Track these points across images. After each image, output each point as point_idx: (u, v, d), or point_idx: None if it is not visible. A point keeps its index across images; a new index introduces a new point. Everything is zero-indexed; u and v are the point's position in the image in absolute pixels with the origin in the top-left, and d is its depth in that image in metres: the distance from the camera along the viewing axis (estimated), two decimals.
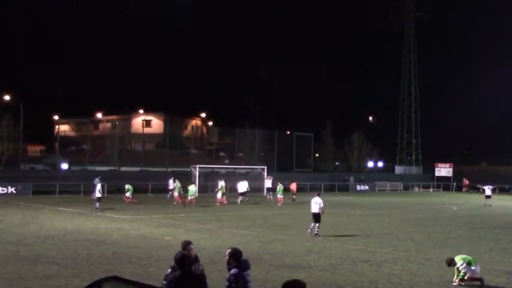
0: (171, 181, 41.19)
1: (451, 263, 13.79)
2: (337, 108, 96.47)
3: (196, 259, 8.43)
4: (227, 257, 7.82)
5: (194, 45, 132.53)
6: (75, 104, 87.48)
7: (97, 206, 31.92)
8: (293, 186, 42.44)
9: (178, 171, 55.09)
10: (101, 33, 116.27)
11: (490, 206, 41.06)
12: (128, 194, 37.34)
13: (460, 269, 13.51)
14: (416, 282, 13.88)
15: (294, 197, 40.95)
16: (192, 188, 36.62)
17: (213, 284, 8.66)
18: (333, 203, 37.14)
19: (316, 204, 22.21)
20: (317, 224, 22.00)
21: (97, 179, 36.25)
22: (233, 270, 7.65)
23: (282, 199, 39.52)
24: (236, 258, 7.74)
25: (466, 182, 65.85)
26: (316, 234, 21.88)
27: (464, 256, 13.91)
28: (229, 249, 7.89)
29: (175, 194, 38.33)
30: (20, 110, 54.62)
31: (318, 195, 23.17)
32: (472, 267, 13.53)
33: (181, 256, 7.48)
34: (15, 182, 43.67)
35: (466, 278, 13.50)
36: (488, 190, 42.92)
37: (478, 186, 49.44)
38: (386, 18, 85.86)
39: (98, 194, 32.20)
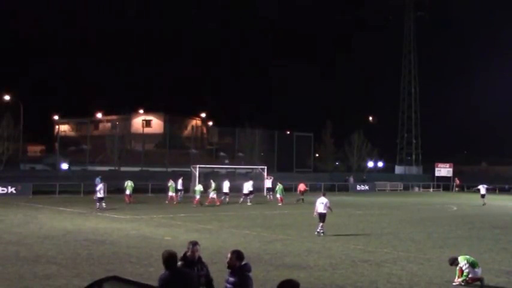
0: (180, 181, 41.38)
1: (453, 262, 13.80)
2: (337, 108, 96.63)
3: (199, 260, 8.38)
4: (230, 260, 7.79)
5: (194, 45, 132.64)
6: (75, 104, 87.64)
7: (97, 206, 31.94)
8: (301, 186, 42.65)
9: (178, 171, 55.14)
10: (101, 32, 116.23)
11: (485, 204, 41.19)
12: (127, 192, 37.40)
13: (464, 268, 13.51)
14: (416, 282, 13.88)
15: (301, 197, 41.15)
16: (199, 188, 36.63)
17: (217, 282, 8.64)
18: (333, 203, 36.91)
19: (322, 204, 22.42)
20: (321, 224, 22.22)
21: (98, 179, 36.26)
22: (232, 278, 7.68)
23: (282, 199, 39.53)
24: (240, 258, 7.79)
25: (457, 181, 65.97)
26: (318, 233, 22.06)
27: (468, 257, 13.90)
28: (233, 251, 7.88)
29: (170, 193, 38.45)
30: (20, 110, 54.63)
31: (324, 195, 23.45)
32: (475, 270, 13.54)
33: (168, 255, 7.45)
34: (15, 182, 43.64)
35: (467, 279, 13.50)
36: (483, 189, 43.30)
37: (474, 189, 49.58)
38: (387, 18, 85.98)
39: (98, 194, 32.28)
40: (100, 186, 32.67)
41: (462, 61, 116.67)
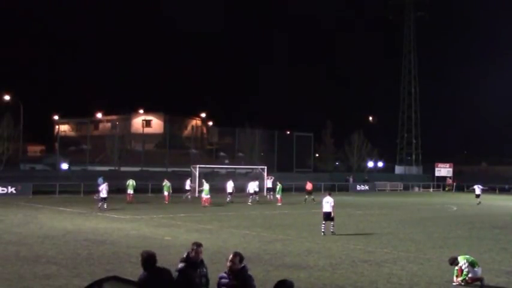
0: (188, 181, 41.48)
1: (453, 261, 13.80)
2: (337, 108, 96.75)
3: (201, 263, 8.34)
4: (231, 263, 7.60)
5: (194, 45, 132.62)
6: (75, 104, 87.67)
7: (99, 205, 31.84)
8: (308, 185, 42.66)
9: (178, 171, 55.09)
10: (101, 33, 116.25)
11: (480, 203, 41.79)
12: (129, 191, 37.60)
13: (463, 268, 13.52)
14: (416, 282, 13.87)
15: (307, 196, 41.22)
16: (206, 188, 36.71)
17: (212, 283, 8.64)
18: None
19: (327, 203, 22.72)
20: (332, 223, 22.55)
21: (100, 179, 36.34)
22: (233, 282, 7.59)
23: (281, 199, 39.57)
24: (242, 260, 7.71)
25: (449, 181, 66.12)
26: (332, 232, 22.38)
27: (467, 256, 13.92)
28: (236, 254, 7.74)
29: (165, 193, 38.60)
30: (20, 110, 54.61)
31: (329, 194, 23.70)
32: (475, 269, 13.54)
33: (147, 256, 7.43)
34: (15, 182, 43.62)
35: (467, 278, 13.50)
36: (477, 189, 44.08)
37: (470, 189, 50.62)
38: (387, 18, 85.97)
39: (101, 194, 32.37)
40: (102, 186, 32.77)
41: (462, 61, 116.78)
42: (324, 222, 22.60)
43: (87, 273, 13.84)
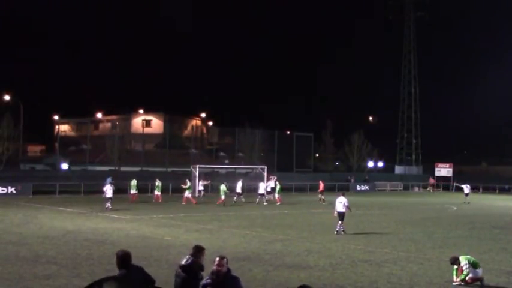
0: (201, 182, 41.66)
1: (455, 261, 13.80)
2: (337, 108, 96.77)
3: (201, 267, 8.29)
4: (221, 266, 7.43)
5: (194, 45, 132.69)
6: (75, 104, 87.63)
7: (107, 205, 31.65)
8: (321, 186, 42.58)
9: (178, 171, 55.04)
10: (101, 33, 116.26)
11: (469, 203, 42.57)
12: (132, 191, 37.73)
13: (464, 268, 13.52)
14: (416, 282, 13.87)
15: (320, 196, 41.13)
16: (223, 188, 36.76)
17: None
18: (333, 203, 36.99)
19: (340, 203, 22.95)
20: (339, 222, 22.74)
21: (109, 179, 36.49)
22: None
23: (280, 199, 39.59)
24: (227, 261, 7.63)
25: (431, 180, 66.13)
26: (337, 232, 22.52)
27: (469, 257, 13.93)
28: (223, 256, 7.60)
29: (156, 192, 38.73)
30: (20, 110, 54.61)
31: (343, 194, 23.89)
32: (477, 270, 13.55)
33: (123, 254, 7.37)
34: (15, 182, 43.62)
35: (467, 278, 13.50)
36: (466, 189, 44.93)
37: (457, 185, 52.11)
38: (387, 18, 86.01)
39: (106, 195, 32.43)
40: (107, 187, 32.85)
41: (462, 61, 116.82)
42: (339, 222, 22.76)
43: (87, 273, 13.85)
